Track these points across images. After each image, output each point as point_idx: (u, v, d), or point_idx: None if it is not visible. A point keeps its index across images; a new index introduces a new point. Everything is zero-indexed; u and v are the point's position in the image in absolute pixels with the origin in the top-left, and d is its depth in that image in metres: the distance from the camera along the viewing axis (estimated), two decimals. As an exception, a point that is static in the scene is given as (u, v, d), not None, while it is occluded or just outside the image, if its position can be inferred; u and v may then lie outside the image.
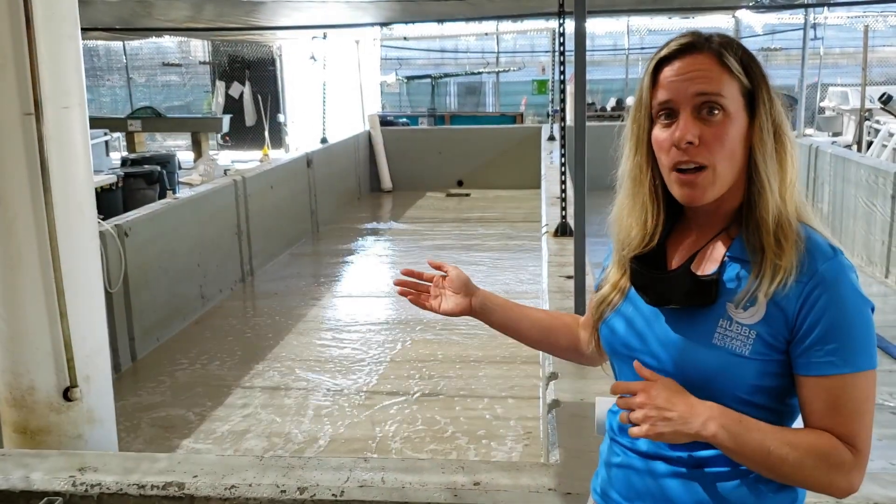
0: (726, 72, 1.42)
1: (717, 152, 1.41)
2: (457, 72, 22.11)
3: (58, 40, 3.32)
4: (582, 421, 2.92)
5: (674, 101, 1.43)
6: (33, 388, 3.49)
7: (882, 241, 7.06)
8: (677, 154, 1.42)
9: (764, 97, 1.44)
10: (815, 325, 1.36)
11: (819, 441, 1.36)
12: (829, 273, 1.37)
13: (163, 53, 22.30)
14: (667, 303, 1.48)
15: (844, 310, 1.36)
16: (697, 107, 1.41)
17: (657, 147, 1.47)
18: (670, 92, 1.43)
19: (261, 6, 11.53)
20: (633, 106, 1.52)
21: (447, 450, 4.68)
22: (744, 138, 1.43)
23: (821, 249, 1.40)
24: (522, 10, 13.33)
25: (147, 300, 6.30)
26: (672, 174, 1.45)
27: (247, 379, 5.78)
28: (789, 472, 1.36)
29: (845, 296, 1.37)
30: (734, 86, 1.42)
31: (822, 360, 1.36)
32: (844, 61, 20.62)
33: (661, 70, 1.46)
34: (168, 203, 7.21)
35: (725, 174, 1.42)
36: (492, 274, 8.46)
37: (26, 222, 3.36)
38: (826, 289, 1.36)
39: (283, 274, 8.75)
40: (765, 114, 1.43)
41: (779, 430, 1.38)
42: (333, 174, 12.01)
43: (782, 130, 1.45)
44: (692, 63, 1.43)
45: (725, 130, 1.41)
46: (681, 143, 1.41)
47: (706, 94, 1.41)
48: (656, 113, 1.47)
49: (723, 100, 1.41)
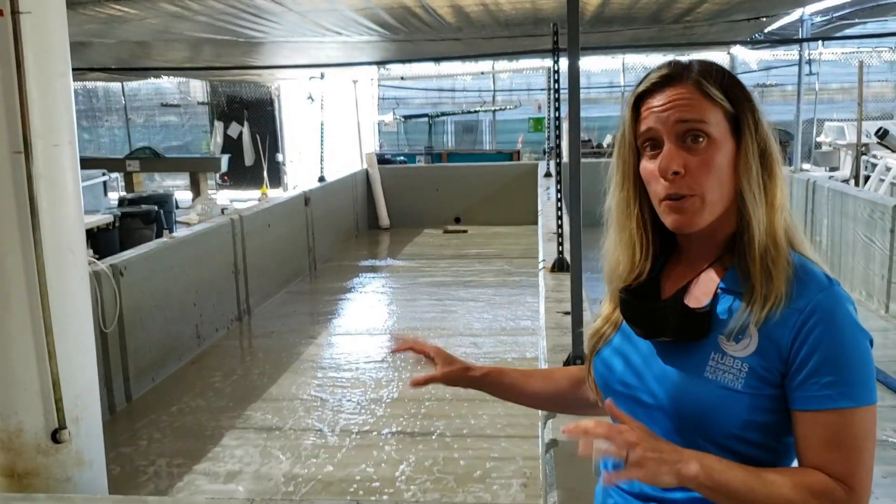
0: (707, 99, 1.39)
1: (703, 181, 1.38)
2: (453, 111, 22.22)
3: (48, 78, 3.31)
4: (580, 461, 2.84)
5: (657, 131, 1.41)
6: (21, 429, 3.44)
7: (882, 275, 7.02)
8: (665, 186, 1.40)
9: (749, 121, 1.41)
10: (810, 356, 1.32)
11: (807, 479, 1.30)
12: (824, 303, 1.33)
13: (161, 94, 22.45)
14: (659, 335, 1.44)
15: (841, 341, 1.32)
16: (681, 135, 1.39)
17: (646, 178, 1.45)
18: (652, 122, 1.41)
19: (258, 46, 11.60)
20: (616, 141, 1.51)
21: (445, 491, 4.60)
22: (731, 163, 1.40)
23: (816, 279, 1.36)
24: (518, 49, 13.41)
25: (142, 340, 6.25)
26: (662, 204, 1.42)
27: (241, 420, 5.71)
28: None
29: (842, 327, 1.33)
30: (717, 112, 1.40)
31: (818, 394, 1.31)
32: (840, 97, 20.74)
33: (643, 103, 1.44)
34: (164, 242, 7.18)
35: (714, 201, 1.40)
36: (490, 310, 8.41)
37: (15, 261, 3.32)
38: (821, 319, 1.32)
39: (280, 312, 8.70)
40: (749, 138, 1.40)
41: (763, 470, 1.32)
42: (331, 212, 12.01)
43: (769, 153, 1.42)
44: (672, 94, 1.41)
45: (711, 157, 1.38)
46: (666, 173, 1.39)
47: (688, 122, 1.38)
48: (641, 144, 1.45)
49: (706, 126, 1.38)
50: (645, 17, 9.83)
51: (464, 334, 7.47)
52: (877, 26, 15.17)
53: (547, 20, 7.96)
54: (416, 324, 7.98)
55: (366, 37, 10.68)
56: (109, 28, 8.94)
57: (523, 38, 11.09)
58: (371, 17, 9.19)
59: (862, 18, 13.69)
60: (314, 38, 10.71)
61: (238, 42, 10.80)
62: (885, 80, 20.55)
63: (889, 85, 20.46)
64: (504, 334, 7.52)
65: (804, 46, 13.76)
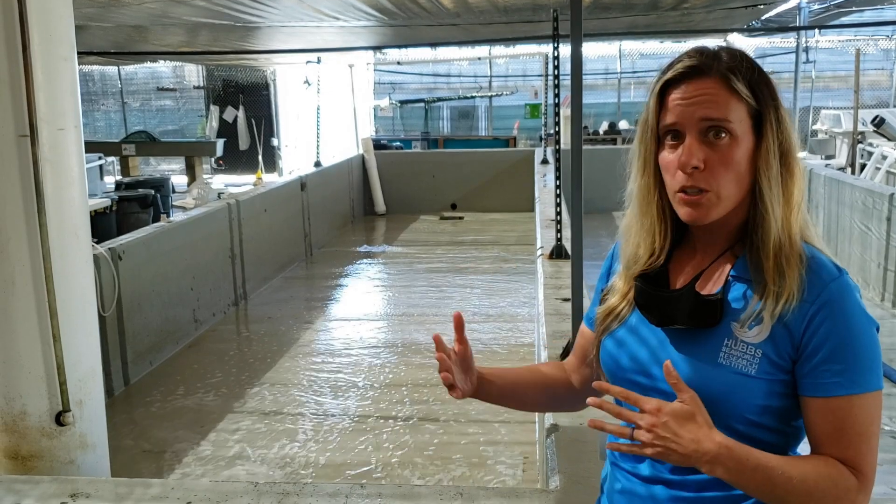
0: (734, 96, 1.40)
1: (721, 177, 1.39)
2: (450, 96, 22.17)
3: (54, 62, 3.31)
4: (582, 446, 2.89)
5: (680, 125, 1.41)
6: (25, 412, 3.45)
7: (878, 263, 7.07)
8: (682, 178, 1.41)
9: (771, 119, 1.41)
10: (822, 345, 1.34)
11: (826, 470, 1.34)
12: (835, 292, 1.36)
13: (157, 78, 22.34)
14: (671, 323, 1.46)
15: (851, 329, 1.35)
16: (703, 130, 1.40)
17: (664, 169, 1.46)
18: (676, 115, 1.42)
19: (255, 31, 11.57)
20: (639, 126, 1.51)
21: (444, 475, 4.63)
22: (750, 159, 1.41)
23: (826, 269, 1.39)
24: (515, 35, 13.39)
25: (140, 324, 6.26)
26: (677, 195, 1.43)
27: (240, 404, 5.73)
28: (795, 502, 1.33)
29: (851, 315, 1.35)
30: (742, 108, 1.40)
31: (829, 381, 1.34)
32: (836, 85, 20.73)
33: (668, 92, 1.44)
34: (161, 227, 7.18)
35: (730, 196, 1.41)
36: (486, 297, 8.43)
37: (20, 245, 3.32)
38: (832, 308, 1.35)
39: (277, 297, 8.71)
40: (772, 136, 1.41)
41: (783, 462, 1.34)
42: (327, 197, 12.01)
43: (789, 153, 1.43)
44: (698, 87, 1.41)
45: (731, 154, 1.39)
46: (686, 167, 1.40)
47: (712, 120, 1.39)
48: (663, 134, 1.45)
49: (729, 124, 1.39)
50: (643, 3, 9.83)
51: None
52: (874, 14, 15.20)
53: (546, 6, 7.97)
54: (412, 310, 8.01)
55: (363, 21, 10.66)
56: (107, 12, 8.91)
57: (521, 23, 11.08)
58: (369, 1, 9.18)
59: (859, 6, 13.69)
60: (311, 23, 10.68)
61: (235, 27, 10.77)
62: (882, 69, 20.54)
63: (885, 73, 20.45)
64: (500, 320, 7.55)
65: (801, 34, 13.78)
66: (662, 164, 1.46)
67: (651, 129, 1.47)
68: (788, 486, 1.31)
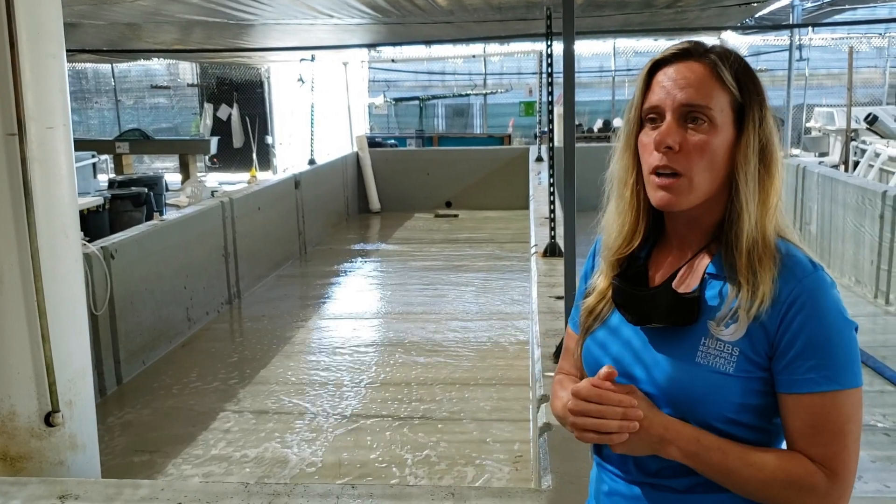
0: (718, 83, 1.40)
1: (695, 162, 1.39)
2: (444, 94, 22.19)
3: (42, 60, 3.29)
4: (575, 445, 2.86)
5: (661, 106, 1.41)
6: (14, 413, 3.43)
7: (871, 260, 7.06)
8: (657, 158, 1.41)
9: (755, 114, 1.41)
10: (795, 340, 1.33)
11: (788, 464, 1.34)
12: (808, 288, 1.35)
13: (151, 76, 22.31)
14: (649, 321, 1.45)
15: (825, 325, 1.34)
16: (684, 114, 1.40)
17: (641, 149, 1.46)
18: (659, 96, 1.42)
19: (249, 29, 11.54)
20: (627, 106, 1.51)
21: (436, 475, 4.62)
22: (728, 151, 1.41)
23: (801, 265, 1.38)
24: (509, 32, 13.38)
25: (133, 323, 6.24)
26: (651, 178, 1.43)
27: (232, 403, 5.71)
28: (754, 492, 1.35)
29: (825, 311, 1.34)
30: (724, 98, 1.40)
31: (803, 378, 1.33)
32: (829, 82, 20.79)
33: (656, 73, 1.45)
34: (154, 225, 7.16)
35: (702, 184, 1.40)
36: (481, 294, 8.42)
37: (8, 244, 3.30)
38: (806, 304, 1.34)
39: (271, 296, 8.69)
40: (753, 132, 1.41)
41: (744, 451, 1.35)
42: (321, 195, 11.99)
43: (770, 153, 1.42)
44: (685, 69, 1.42)
45: (708, 141, 1.39)
46: (660, 146, 1.40)
47: (693, 105, 1.39)
48: (645, 116, 1.45)
49: (710, 111, 1.39)
50: (637, 1, 9.82)
51: (455, 318, 7.48)
52: (867, 12, 15.20)
53: (539, 4, 7.95)
54: (407, 308, 7.99)
55: (357, 19, 10.63)
56: (99, 9, 8.87)
57: (515, 21, 11.07)
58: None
59: (852, 4, 13.70)
60: (305, 21, 10.65)
61: (229, 24, 10.74)
62: (875, 66, 20.61)
63: (878, 71, 20.52)
64: (495, 318, 7.54)
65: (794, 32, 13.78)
66: (640, 145, 1.46)
67: (635, 109, 1.47)
68: (745, 471, 1.33)
